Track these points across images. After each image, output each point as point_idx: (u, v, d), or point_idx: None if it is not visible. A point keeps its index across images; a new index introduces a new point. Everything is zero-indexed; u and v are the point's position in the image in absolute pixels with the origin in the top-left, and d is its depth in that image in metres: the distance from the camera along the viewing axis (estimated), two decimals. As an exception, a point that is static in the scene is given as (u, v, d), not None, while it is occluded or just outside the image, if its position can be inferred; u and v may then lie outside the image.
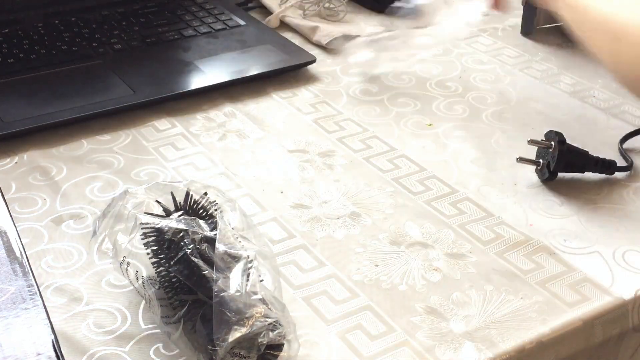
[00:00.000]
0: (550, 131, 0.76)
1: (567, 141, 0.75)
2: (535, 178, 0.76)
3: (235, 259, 0.55)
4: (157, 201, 0.61)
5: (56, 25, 1.00)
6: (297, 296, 0.62)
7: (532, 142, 0.75)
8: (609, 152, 0.79)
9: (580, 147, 0.76)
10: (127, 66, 0.92)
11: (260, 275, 0.56)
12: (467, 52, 1.01)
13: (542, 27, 1.03)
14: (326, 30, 1.02)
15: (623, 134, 0.82)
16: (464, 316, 0.60)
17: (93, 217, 0.70)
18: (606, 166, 0.76)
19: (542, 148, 0.76)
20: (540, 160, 0.75)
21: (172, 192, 0.61)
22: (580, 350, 0.61)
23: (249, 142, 0.82)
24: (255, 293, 0.54)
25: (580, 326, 0.60)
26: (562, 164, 0.74)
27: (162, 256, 0.57)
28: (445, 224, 0.70)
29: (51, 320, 0.57)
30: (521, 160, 0.75)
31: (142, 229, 0.58)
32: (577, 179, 0.76)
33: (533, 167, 0.76)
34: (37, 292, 0.58)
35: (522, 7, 1.04)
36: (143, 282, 0.58)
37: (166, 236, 0.57)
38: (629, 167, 0.77)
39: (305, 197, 0.73)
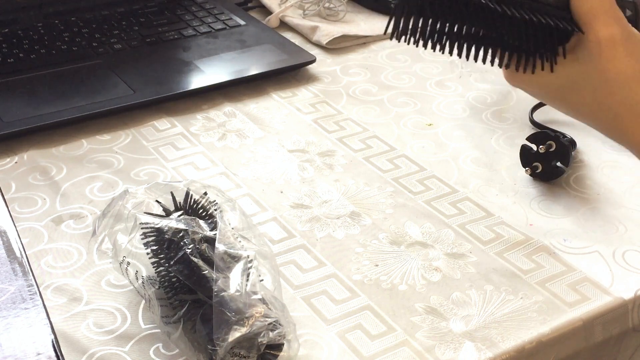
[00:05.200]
0: (538, 133, 0.76)
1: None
2: (535, 177, 0.76)
3: (235, 258, 0.55)
4: (157, 201, 0.61)
5: (56, 25, 1.00)
6: (297, 296, 0.62)
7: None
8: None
9: None
10: (127, 66, 0.92)
11: (260, 275, 0.56)
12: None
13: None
14: (326, 30, 1.02)
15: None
16: (464, 316, 0.60)
17: (93, 217, 0.70)
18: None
19: (531, 152, 0.75)
20: (538, 164, 0.75)
21: (172, 192, 0.61)
22: (580, 350, 0.61)
23: (249, 142, 0.82)
24: (255, 293, 0.54)
25: (580, 326, 0.60)
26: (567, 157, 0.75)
27: (162, 256, 0.57)
28: (445, 224, 0.70)
29: (51, 320, 0.57)
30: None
31: (142, 228, 0.58)
32: (577, 179, 0.76)
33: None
34: (37, 292, 0.58)
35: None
36: (143, 282, 0.58)
37: (166, 236, 0.57)
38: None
39: (305, 197, 0.73)
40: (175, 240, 0.56)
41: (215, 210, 0.59)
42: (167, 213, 0.60)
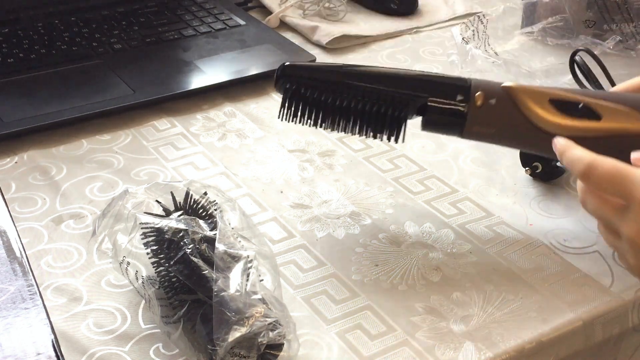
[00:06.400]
0: None
1: None
2: (535, 177, 0.76)
3: (235, 258, 0.55)
4: (157, 201, 0.61)
5: (56, 25, 1.00)
6: (297, 296, 0.62)
7: None
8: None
9: None
10: (127, 66, 0.92)
11: (260, 275, 0.56)
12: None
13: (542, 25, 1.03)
14: (326, 30, 1.02)
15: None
16: (464, 316, 0.60)
17: (93, 217, 0.70)
18: None
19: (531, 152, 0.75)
20: (538, 164, 0.75)
21: (172, 192, 0.61)
22: (580, 350, 0.61)
23: (249, 142, 0.82)
24: (255, 293, 0.54)
25: (580, 326, 0.60)
26: None
27: (162, 256, 0.57)
28: (445, 224, 0.70)
29: (51, 320, 0.57)
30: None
31: (142, 228, 0.58)
32: (577, 179, 0.76)
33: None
34: (37, 292, 0.58)
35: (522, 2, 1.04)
36: (143, 282, 0.58)
37: (166, 236, 0.57)
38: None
39: (305, 197, 0.73)
40: (175, 240, 0.56)
41: (215, 210, 0.59)
42: (167, 213, 0.60)
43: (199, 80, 0.91)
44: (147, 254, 0.57)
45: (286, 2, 1.09)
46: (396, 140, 0.66)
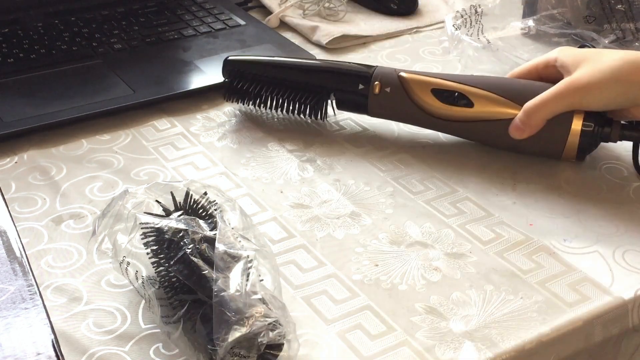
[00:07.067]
0: None
1: None
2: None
3: (235, 258, 0.55)
4: (157, 201, 0.61)
5: (56, 25, 1.00)
6: (297, 296, 0.62)
7: None
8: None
9: None
10: (127, 66, 0.92)
11: (260, 275, 0.56)
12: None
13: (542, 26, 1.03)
14: (326, 30, 1.02)
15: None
16: (463, 316, 0.60)
17: (93, 216, 0.70)
18: None
19: None
20: None
21: (172, 192, 0.61)
22: (580, 350, 0.61)
23: (248, 142, 0.82)
24: (255, 293, 0.54)
25: (580, 326, 0.60)
26: None
27: (161, 256, 0.57)
28: (445, 223, 0.70)
29: (51, 320, 0.57)
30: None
31: (141, 228, 0.58)
32: (577, 178, 0.76)
33: (532, 168, 0.77)
34: (37, 291, 0.58)
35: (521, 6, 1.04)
36: (143, 282, 0.58)
37: (166, 236, 0.57)
38: None
39: (305, 197, 0.73)
40: (175, 240, 0.56)
41: (215, 210, 0.59)
42: (167, 213, 0.60)
43: (199, 80, 0.91)
44: (147, 254, 0.58)
45: (286, 2, 1.09)
46: (317, 118, 0.83)
